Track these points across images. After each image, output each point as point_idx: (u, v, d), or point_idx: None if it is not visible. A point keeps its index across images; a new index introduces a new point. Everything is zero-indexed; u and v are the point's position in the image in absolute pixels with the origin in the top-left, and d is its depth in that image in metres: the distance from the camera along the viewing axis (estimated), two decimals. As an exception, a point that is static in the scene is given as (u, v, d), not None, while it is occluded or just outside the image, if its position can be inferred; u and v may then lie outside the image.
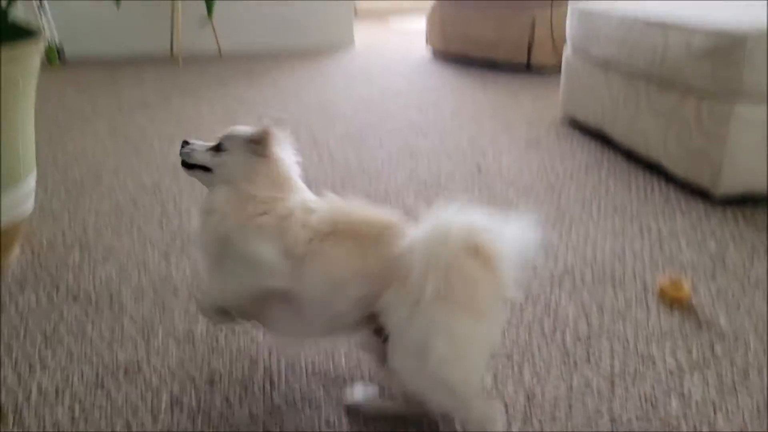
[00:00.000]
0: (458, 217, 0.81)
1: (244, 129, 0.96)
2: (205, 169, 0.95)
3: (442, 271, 0.79)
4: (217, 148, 0.95)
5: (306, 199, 0.93)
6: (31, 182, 1.38)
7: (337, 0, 4.21)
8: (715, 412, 0.97)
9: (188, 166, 0.98)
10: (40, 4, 3.74)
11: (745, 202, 1.69)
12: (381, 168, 2.01)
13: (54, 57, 1.47)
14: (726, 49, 1.59)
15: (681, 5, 1.99)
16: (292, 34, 4.21)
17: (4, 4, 1.34)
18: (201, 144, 0.97)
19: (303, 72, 3.51)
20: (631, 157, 2.07)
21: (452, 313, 0.81)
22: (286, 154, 0.96)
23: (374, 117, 2.60)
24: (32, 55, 1.26)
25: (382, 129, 2.43)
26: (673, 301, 1.25)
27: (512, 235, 0.82)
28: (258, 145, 0.92)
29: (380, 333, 0.87)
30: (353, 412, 0.97)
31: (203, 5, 3.76)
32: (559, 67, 2.52)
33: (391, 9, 6.22)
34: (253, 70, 3.57)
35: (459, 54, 3.73)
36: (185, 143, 0.98)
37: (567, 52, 2.43)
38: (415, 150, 2.18)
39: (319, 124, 2.50)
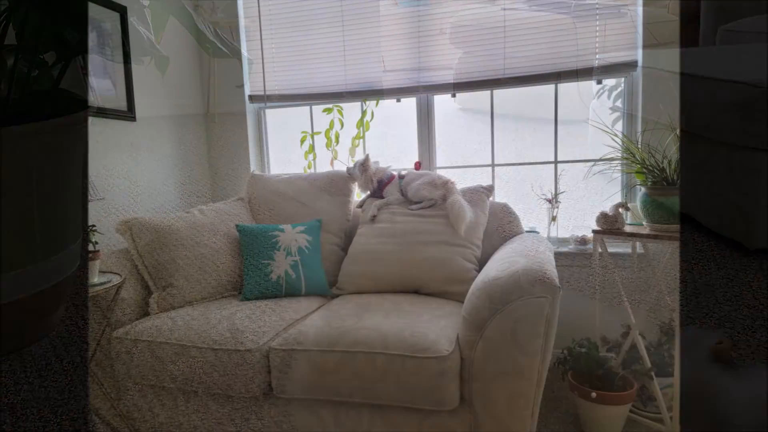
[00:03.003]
0: None
1: None
2: None
3: None
4: None
5: None
6: (77, 246, 1.43)
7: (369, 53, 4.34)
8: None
9: None
10: (83, 65, 3.94)
11: (781, 254, 1.67)
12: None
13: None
14: (752, 101, 1.60)
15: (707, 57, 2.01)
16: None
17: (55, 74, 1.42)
18: None
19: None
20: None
21: None
22: None
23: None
24: (82, 123, 1.33)
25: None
26: (715, 356, 1.23)
27: None
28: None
29: None
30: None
31: (236, 65, 3.90)
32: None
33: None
34: (287, 123, 3.66)
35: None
36: None
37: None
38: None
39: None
